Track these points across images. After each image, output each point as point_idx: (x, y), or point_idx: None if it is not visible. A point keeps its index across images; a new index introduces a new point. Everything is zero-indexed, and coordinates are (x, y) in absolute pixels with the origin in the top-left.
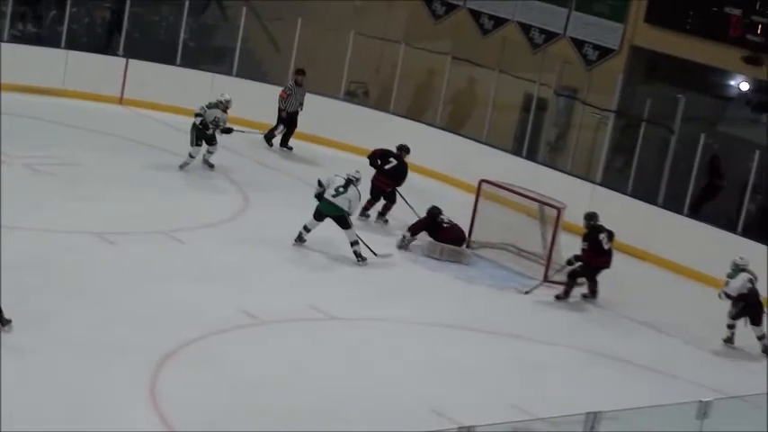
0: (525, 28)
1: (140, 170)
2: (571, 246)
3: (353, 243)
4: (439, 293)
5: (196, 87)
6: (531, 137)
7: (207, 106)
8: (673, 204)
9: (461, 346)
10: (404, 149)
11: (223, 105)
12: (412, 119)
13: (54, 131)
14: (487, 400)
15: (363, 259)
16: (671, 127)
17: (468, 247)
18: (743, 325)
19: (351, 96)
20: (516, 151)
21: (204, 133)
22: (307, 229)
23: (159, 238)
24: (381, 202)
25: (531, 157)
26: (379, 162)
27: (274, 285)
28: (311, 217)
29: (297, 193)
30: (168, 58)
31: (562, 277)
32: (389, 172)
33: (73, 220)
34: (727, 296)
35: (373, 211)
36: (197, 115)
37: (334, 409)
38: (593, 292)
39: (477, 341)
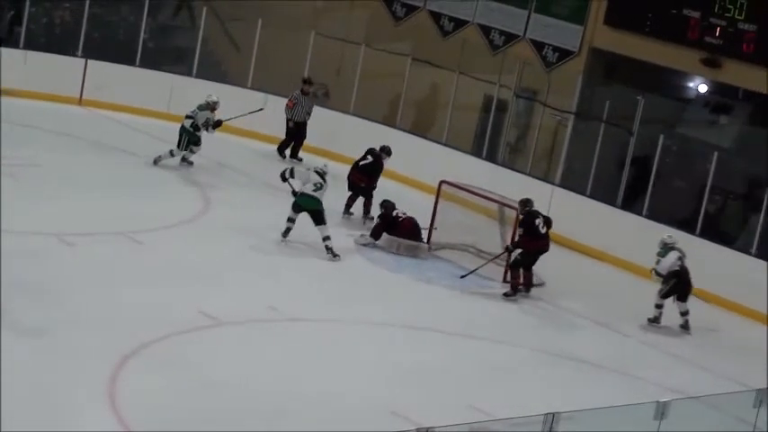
0: (485, 30)
1: (99, 171)
2: None
3: (326, 238)
4: (398, 294)
5: (155, 88)
6: (491, 138)
7: (198, 108)
8: (631, 205)
9: (420, 346)
10: (385, 150)
11: (211, 106)
12: (372, 120)
13: (12, 132)
14: (446, 401)
15: (336, 255)
16: (630, 128)
17: (427, 242)
18: (670, 302)
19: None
20: (476, 152)
21: (194, 135)
22: (291, 219)
23: (118, 240)
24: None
25: (491, 158)
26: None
27: (234, 286)
28: (291, 210)
29: (257, 194)
30: (128, 59)
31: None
32: (363, 168)
33: (31, 221)
34: (659, 275)
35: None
36: (188, 117)
37: (292, 410)
38: (526, 286)
39: (435, 342)
